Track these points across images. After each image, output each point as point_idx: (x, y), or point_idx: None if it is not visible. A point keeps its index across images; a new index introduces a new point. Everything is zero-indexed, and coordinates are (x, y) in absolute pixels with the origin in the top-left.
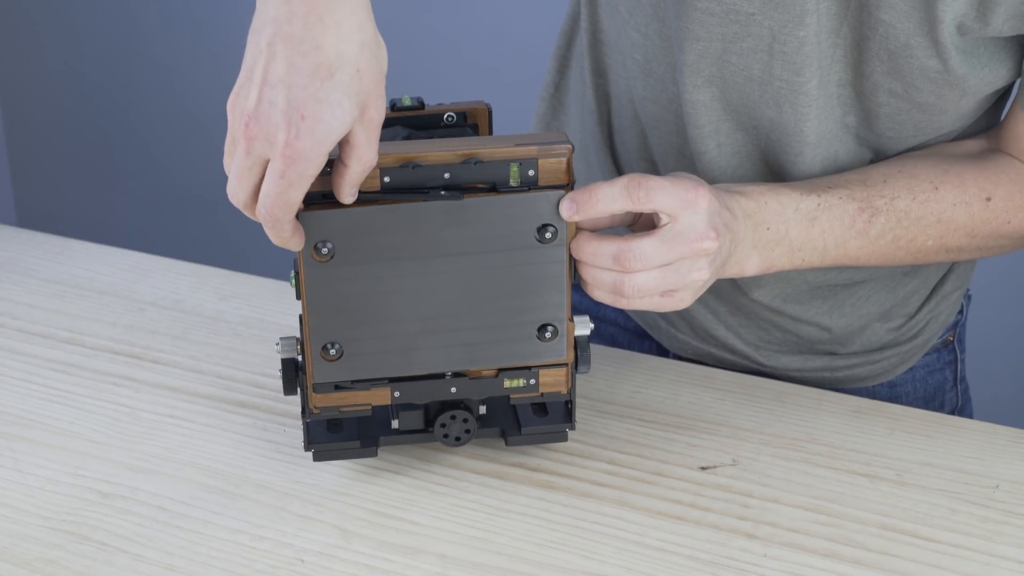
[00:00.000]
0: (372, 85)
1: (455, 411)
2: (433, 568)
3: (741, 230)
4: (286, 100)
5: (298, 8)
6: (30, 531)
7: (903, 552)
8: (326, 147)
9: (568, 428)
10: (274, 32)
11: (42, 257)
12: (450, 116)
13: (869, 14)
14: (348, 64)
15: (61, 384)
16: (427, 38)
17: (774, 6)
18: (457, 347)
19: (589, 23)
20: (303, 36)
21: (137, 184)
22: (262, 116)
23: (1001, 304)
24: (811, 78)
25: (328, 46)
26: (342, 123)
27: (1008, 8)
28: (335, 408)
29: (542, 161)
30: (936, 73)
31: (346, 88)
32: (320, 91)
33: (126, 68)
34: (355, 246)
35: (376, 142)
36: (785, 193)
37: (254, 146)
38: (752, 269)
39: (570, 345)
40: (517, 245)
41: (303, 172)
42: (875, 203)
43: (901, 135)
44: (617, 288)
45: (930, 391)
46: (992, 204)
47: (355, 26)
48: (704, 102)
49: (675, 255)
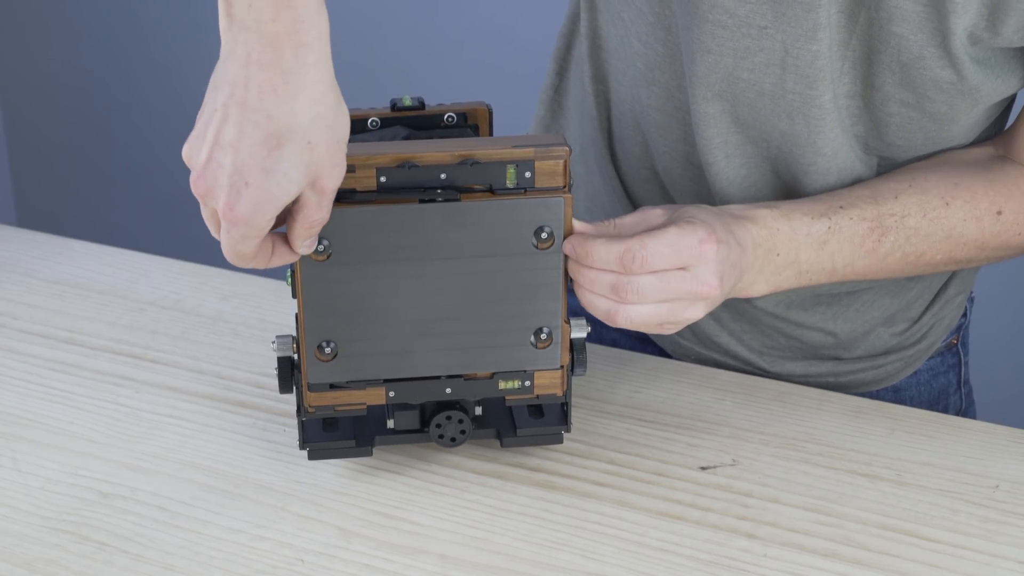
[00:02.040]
0: (326, 156)
1: (451, 411)
2: (433, 568)
3: (750, 260)
4: (232, 164)
5: (254, 76)
6: (30, 531)
7: (903, 552)
8: (268, 214)
9: (564, 430)
10: (229, 95)
11: (42, 257)
12: (450, 116)
13: (880, 27)
14: (299, 136)
15: (61, 384)
16: (431, 38)
17: (786, 20)
18: (452, 350)
19: (589, 29)
20: (256, 105)
21: (137, 184)
22: (208, 175)
23: (1003, 306)
24: (824, 91)
25: (280, 117)
26: (286, 193)
27: (1018, 19)
28: (330, 407)
29: (539, 163)
30: (949, 84)
31: (294, 159)
32: (266, 160)
33: (126, 68)
34: (351, 246)
35: (328, 206)
36: (796, 217)
37: (205, 201)
38: (758, 292)
39: (565, 350)
40: (513, 250)
41: (246, 234)
42: (885, 222)
43: (911, 144)
44: (611, 316)
45: (934, 395)
46: (1003, 217)
47: (311, 99)
48: (713, 114)
49: (673, 295)
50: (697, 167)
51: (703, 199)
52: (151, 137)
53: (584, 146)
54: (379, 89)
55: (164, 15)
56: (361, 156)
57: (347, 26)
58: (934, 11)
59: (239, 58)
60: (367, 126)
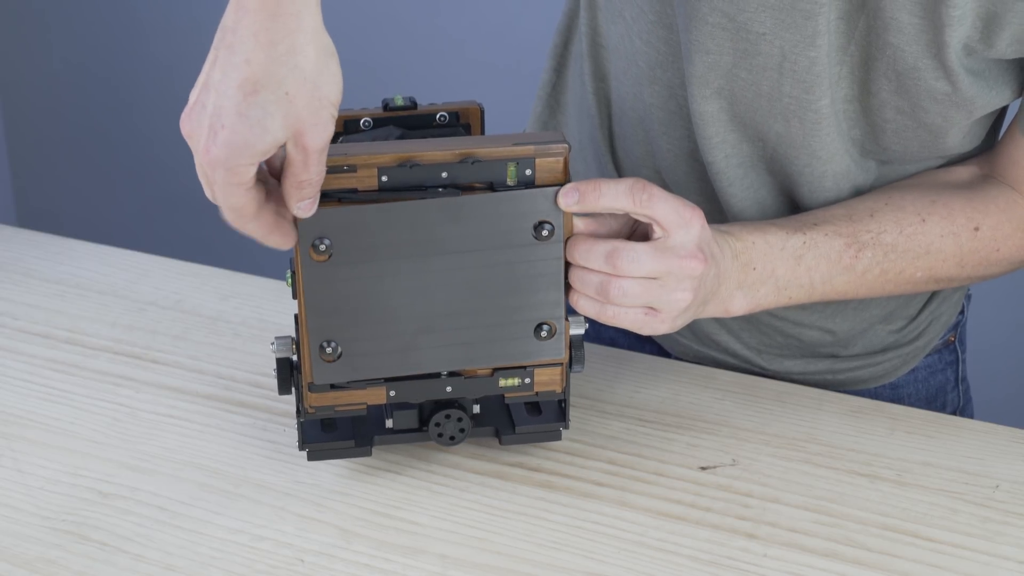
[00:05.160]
0: (305, 111)
1: (449, 410)
2: (433, 568)
3: (728, 269)
4: (213, 106)
5: (242, 20)
6: (30, 531)
7: (903, 552)
8: (245, 159)
9: (562, 427)
10: (220, 39)
11: (42, 257)
12: (442, 116)
13: (877, 35)
14: (274, 84)
15: (61, 384)
16: (428, 36)
17: (785, 27)
18: (454, 346)
19: (588, 27)
20: (238, 48)
21: (138, 184)
22: (194, 116)
23: (1000, 303)
24: (822, 96)
25: (256, 63)
26: (262, 141)
27: (1013, 33)
28: (330, 407)
29: (539, 160)
30: (943, 95)
31: (270, 108)
32: (242, 105)
33: (126, 67)
34: (353, 244)
35: (316, 166)
36: (772, 232)
37: (190, 142)
38: (738, 309)
39: (567, 344)
40: (514, 243)
41: (227, 179)
42: (861, 238)
43: (907, 150)
44: (603, 290)
45: (932, 392)
46: (980, 233)
47: (289, 48)
48: (711, 113)
49: (664, 268)
50: (702, 165)
51: (707, 198)
52: (151, 137)
53: (583, 143)
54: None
55: (164, 15)
56: (362, 156)
57: (345, 24)
58: (929, 24)
59: (234, 3)
60: (360, 126)
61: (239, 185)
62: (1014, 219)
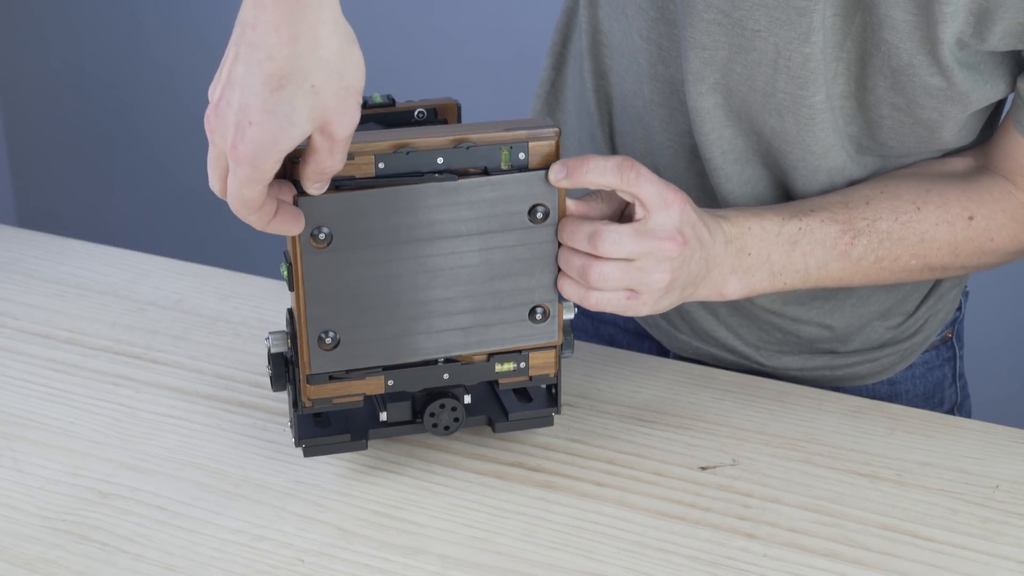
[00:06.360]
0: (332, 102)
1: (443, 400)
2: (433, 568)
3: (719, 254)
4: (239, 103)
5: (261, 15)
6: (30, 531)
7: (903, 552)
8: (273, 156)
9: (554, 412)
10: (240, 34)
11: (42, 257)
12: (420, 112)
13: (872, 32)
14: (300, 78)
15: (61, 384)
16: (428, 36)
17: (780, 24)
18: (451, 332)
19: (589, 25)
20: (259, 44)
21: (137, 184)
22: (220, 113)
23: (999, 302)
24: (816, 92)
25: (281, 59)
26: (290, 136)
27: (1005, 26)
28: (328, 400)
29: (532, 144)
30: (938, 90)
31: (297, 102)
32: (269, 101)
33: (126, 68)
34: (352, 231)
35: (341, 154)
36: (768, 217)
37: (214, 139)
38: (732, 293)
39: (560, 327)
40: (510, 226)
41: (250, 176)
42: (857, 225)
43: (903, 146)
44: (584, 273)
45: (929, 388)
46: (975, 223)
47: (312, 42)
48: (708, 108)
49: (642, 249)
50: (701, 162)
51: (707, 194)
52: (151, 137)
53: (582, 140)
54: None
55: (164, 15)
56: (358, 143)
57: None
58: (923, 20)
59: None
60: None
61: (261, 181)
62: (1008, 209)
